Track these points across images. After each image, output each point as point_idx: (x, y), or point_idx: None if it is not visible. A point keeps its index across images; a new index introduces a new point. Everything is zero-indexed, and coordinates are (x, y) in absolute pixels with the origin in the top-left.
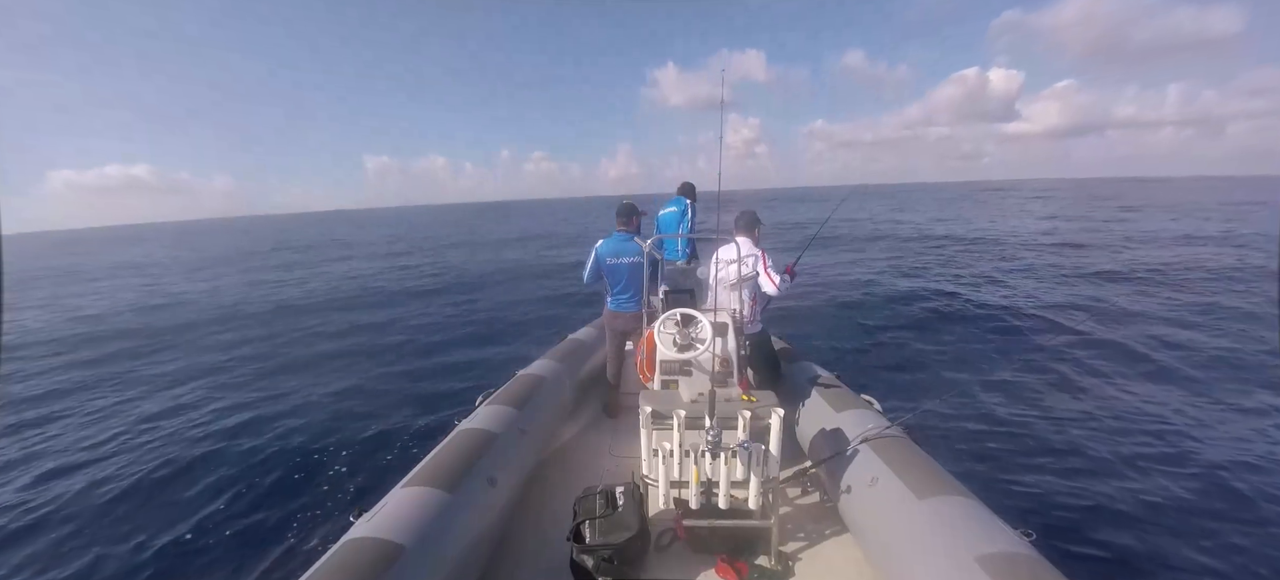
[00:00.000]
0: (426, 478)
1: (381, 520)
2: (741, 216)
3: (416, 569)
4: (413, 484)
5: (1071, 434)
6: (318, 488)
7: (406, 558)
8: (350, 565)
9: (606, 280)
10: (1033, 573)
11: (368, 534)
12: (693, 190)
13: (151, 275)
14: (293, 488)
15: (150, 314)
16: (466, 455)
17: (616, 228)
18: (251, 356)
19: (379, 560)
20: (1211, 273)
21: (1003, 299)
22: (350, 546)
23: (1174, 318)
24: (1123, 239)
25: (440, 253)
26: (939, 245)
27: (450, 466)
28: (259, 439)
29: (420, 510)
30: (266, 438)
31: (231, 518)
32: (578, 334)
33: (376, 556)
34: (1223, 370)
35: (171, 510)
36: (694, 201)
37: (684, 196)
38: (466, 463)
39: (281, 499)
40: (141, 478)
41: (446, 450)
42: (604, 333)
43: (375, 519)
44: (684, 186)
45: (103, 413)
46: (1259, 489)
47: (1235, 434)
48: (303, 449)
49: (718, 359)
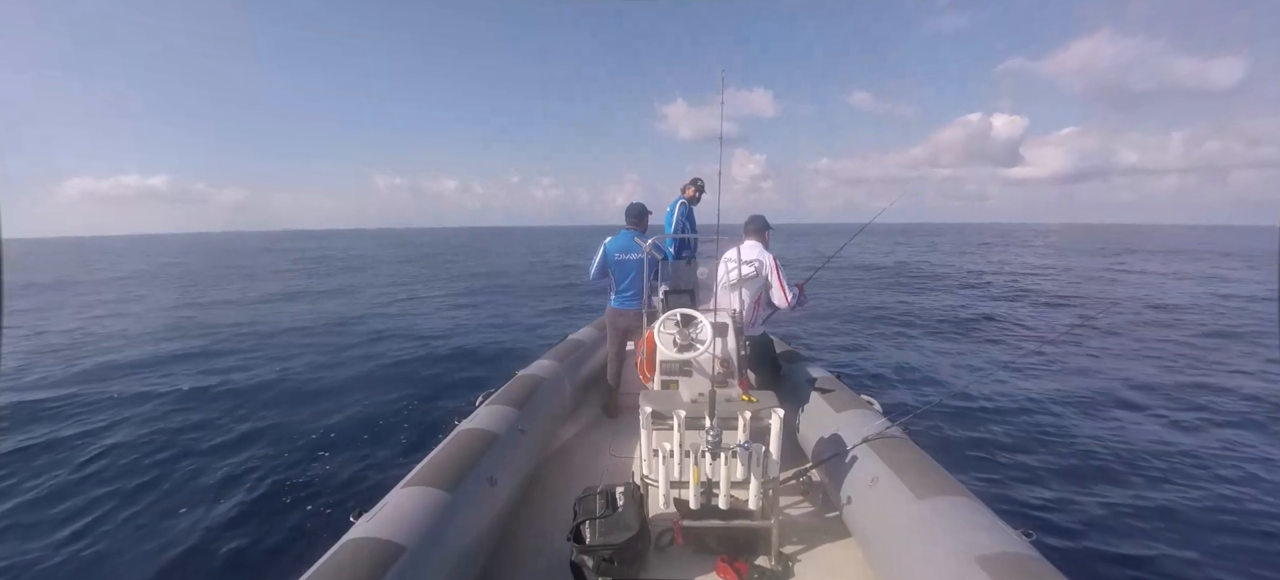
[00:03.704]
0: (426, 478)
1: (381, 520)
2: (751, 220)
3: (416, 569)
4: (413, 484)
5: (1071, 434)
6: (318, 488)
7: (406, 558)
8: (350, 565)
9: (613, 276)
10: (1033, 573)
11: (368, 534)
12: (690, 184)
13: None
14: (293, 488)
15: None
16: (466, 455)
17: (626, 226)
18: (252, 356)
19: (379, 560)
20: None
21: (1002, 302)
22: (350, 546)
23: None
24: (1121, 271)
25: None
26: (941, 267)
27: (450, 466)
28: (259, 439)
29: (420, 510)
30: (267, 438)
31: (232, 518)
32: (578, 334)
33: (376, 556)
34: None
35: (171, 511)
36: (693, 197)
37: (681, 194)
38: (466, 463)
39: (281, 499)
40: (141, 481)
41: (446, 450)
42: (604, 333)
43: (375, 519)
44: (686, 184)
45: (103, 413)
46: (1259, 488)
47: (1235, 434)
48: (303, 449)
49: (718, 359)
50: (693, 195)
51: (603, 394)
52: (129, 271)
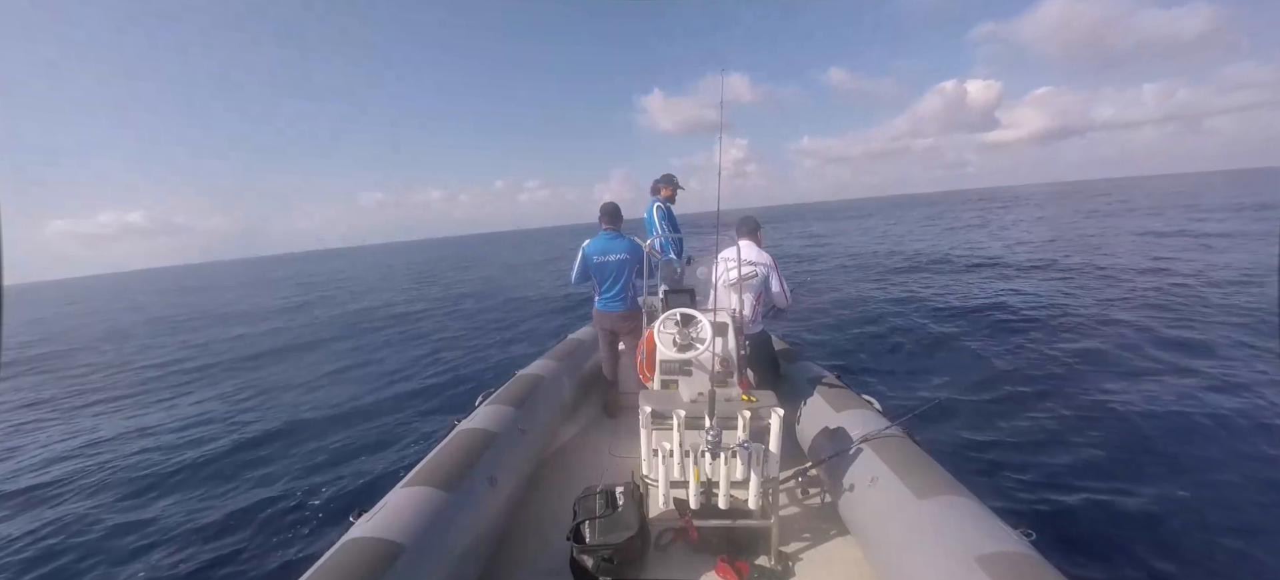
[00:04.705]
0: (426, 477)
1: (381, 520)
2: (743, 222)
3: (416, 569)
4: (413, 484)
5: (1072, 434)
6: (318, 488)
7: (406, 557)
8: (350, 565)
9: (594, 279)
10: (1033, 573)
11: (368, 534)
12: (663, 183)
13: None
14: (292, 488)
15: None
16: (466, 455)
17: (602, 227)
18: (252, 358)
19: (379, 560)
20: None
21: (1002, 301)
22: (350, 546)
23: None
24: (1114, 235)
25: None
26: (934, 253)
27: (450, 466)
28: (259, 440)
29: (420, 510)
30: (267, 439)
31: (231, 518)
32: (577, 334)
33: (376, 556)
34: (1223, 372)
35: (171, 512)
36: (667, 196)
37: (654, 194)
38: (466, 462)
39: (281, 499)
40: (140, 482)
41: (446, 450)
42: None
43: (375, 519)
44: (654, 184)
45: (102, 415)
46: (1259, 490)
47: (1235, 435)
48: (303, 449)
49: (717, 359)
50: (670, 195)
51: (603, 394)
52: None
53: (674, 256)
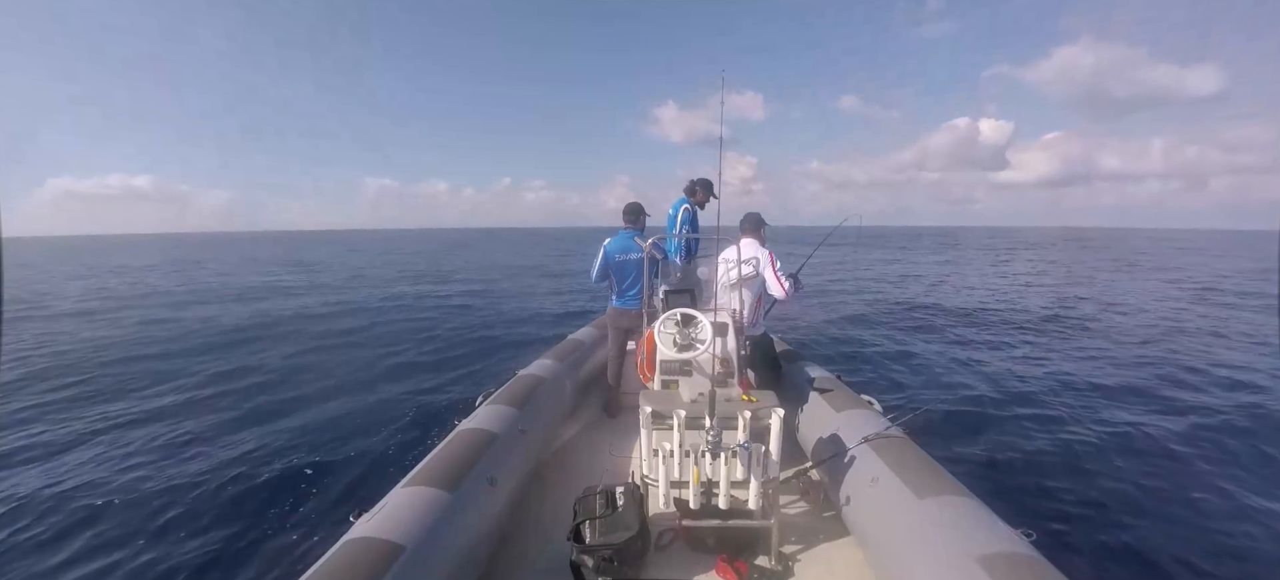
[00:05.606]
0: (426, 477)
1: (381, 520)
2: (746, 218)
3: (416, 569)
4: (413, 484)
5: (1071, 434)
6: (318, 488)
7: (406, 558)
8: (350, 565)
9: (613, 277)
10: (1033, 573)
11: (367, 534)
12: (699, 187)
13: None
14: (292, 488)
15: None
16: (466, 455)
17: (624, 226)
18: (253, 359)
19: (379, 560)
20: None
21: (1002, 303)
22: (350, 546)
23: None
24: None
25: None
26: (936, 266)
27: (450, 466)
28: (259, 440)
29: (420, 510)
30: (266, 439)
31: (231, 518)
32: (578, 334)
33: (376, 556)
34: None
35: (170, 512)
36: (699, 200)
37: (687, 195)
38: (466, 463)
39: (281, 499)
40: (139, 482)
41: (446, 450)
42: (604, 333)
43: (375, 519)
44: (690, 184)
45: (101, 416)
46: (1258, 489)
47: (1235, 435)
48: (303, 449)
49: (718, 359)
50: (703, 200)
51: (603, 394)
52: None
53: (676, 259)
